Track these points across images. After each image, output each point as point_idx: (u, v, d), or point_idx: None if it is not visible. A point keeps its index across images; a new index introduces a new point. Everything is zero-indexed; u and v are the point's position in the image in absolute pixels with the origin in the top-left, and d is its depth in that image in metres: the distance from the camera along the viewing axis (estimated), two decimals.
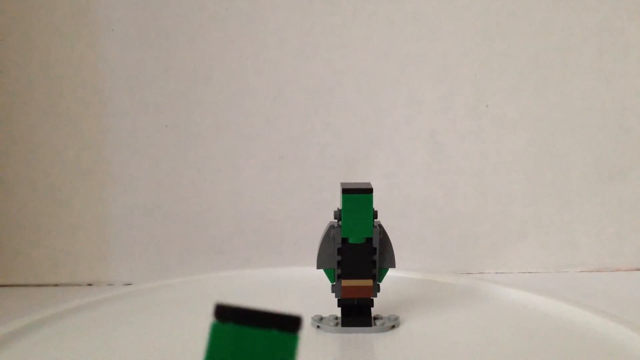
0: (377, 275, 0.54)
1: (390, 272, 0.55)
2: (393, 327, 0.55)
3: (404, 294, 0.65)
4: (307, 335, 0.53)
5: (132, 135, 0.92)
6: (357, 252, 0.53)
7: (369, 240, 0.53)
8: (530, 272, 0.94)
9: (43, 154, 0.92)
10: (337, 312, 0.55)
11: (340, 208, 0.53)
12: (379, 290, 0.55)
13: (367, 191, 0.52)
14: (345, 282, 0.54)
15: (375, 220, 0.53)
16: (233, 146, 0.93)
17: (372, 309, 0.55)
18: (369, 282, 0.54)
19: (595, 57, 0.92)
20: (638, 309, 0.73)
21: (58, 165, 0.92)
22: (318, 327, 0.54)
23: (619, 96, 0.92)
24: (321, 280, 0.55)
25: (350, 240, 0.53)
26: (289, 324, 0.23)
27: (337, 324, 0.54)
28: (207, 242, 0.94)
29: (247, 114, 0.92)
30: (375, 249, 0.53)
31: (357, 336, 0.53)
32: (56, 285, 0.93)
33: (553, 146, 0.93)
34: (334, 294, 0.55)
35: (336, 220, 0.54)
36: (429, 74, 0.92)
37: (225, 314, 0.23)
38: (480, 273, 0.94)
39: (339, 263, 0.53)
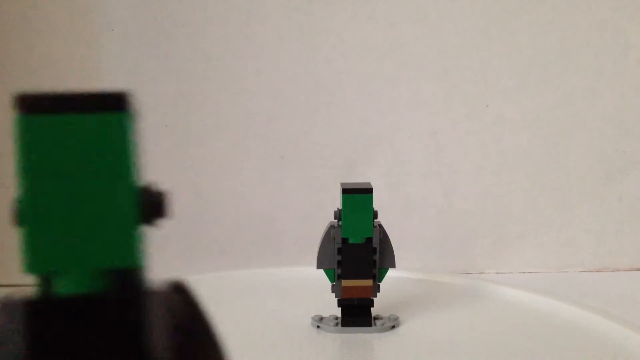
0: (377, 275, 0.54)
1: (390, 272, 0.55)
2: (393, 327, 0.55)
3: (404, 294, 0.65)
4: (307, 335, 0.53)
5: None
6: (357, 252, 0.53)
7: (369, 240, 0.53)
8: (530, 272, 0.94)
9: None
10: (337, 312, 0.55)
11: (340, 208, 0.53)
12: (379, 290, 0.55)
13: (367, 191, 0.52)
14: (345, 282, 0.54)
15: (375, 220, 0.53)
16: (233, 146, 0.93)
17: (372, 309, 0.55)
18: (369, 282, 0.54)
19: (595, 57, 0.92)
20: (638, 309, 0.73)
21: None
22: (318, 327, 0.54)
23: (619, 96, 0.92)
24: (321, 280, 0.55)
25: (350, 240, 0.53)
26: (113, 102, 0.20)
27: (337, 324, 0.54)
28: (207, 242, 0.94)
29: (247, 114, 0.92)
30: (375, 249, 0.53)
31: (357, 336, 0.53)
32: None
33: (553, 146, 0.93)
34: (334, 294, 0.55)
35: (336, 220, 0.54)
36: (429, 74, 0.92)
37: (32, 105, 0.20)
38: (480, 273, 0.94)
39: (339, 263, 0.53)
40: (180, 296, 0.23)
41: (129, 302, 0.21)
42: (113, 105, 0.21)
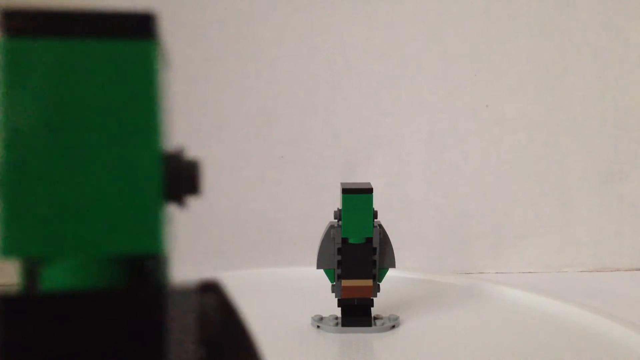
0: (377, 275, 0.54)
1: (390, 272, 0.55)
2: (393, 327, 0.55)
3: (404, 294, 0.65)
4: (307, 335, 0.53)
5: None
6: (357, 252, 0.53)
7: (369, 240, 0.53)
8: (530, 272, 0.94)
9: None
10: (337, 312, 0.55)
11: (340, 208, 0.53)
12: (379, 290, 0.55)
13: (367, 191, 0.52)
14: (345, 282, 0.54)
15: (375, 220, 0.53)
16: (233, 146, 0.93)
17: (372, 309, 0.55)
18: (369, 282, 0.54)
19: (595, 57, 0.92)
20: (638, 309, 0.73)
21: None
22: (318, 327, 0.54)
23: (619, 96, 0.92)
24: (321, 280, 0.55)
25: (350, 240, 0.53)
26: (135, 25, 0.15)
27: (337, 324, 0.54)
28: (207, 242, 0.94)
29: (247, 114, 0.92)
30: (375, 249, 0.53)
31: (357, 336, 0.53)
32: None
33: (553, 146, 0.93)
34: (334, 294, 0.55)
35: (336, 220, 0.54)
36: (429, 74, 0.92)
37: (22, 24, 0.14)
38: (480, 273, 0.94)
39: (339, 263, 0.53)
40: (212, 297, 0.18)
41: (144, 301, 0.16)
42: (135, 30, 0.15)
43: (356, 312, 0.54)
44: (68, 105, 0.15)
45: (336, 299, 0.55)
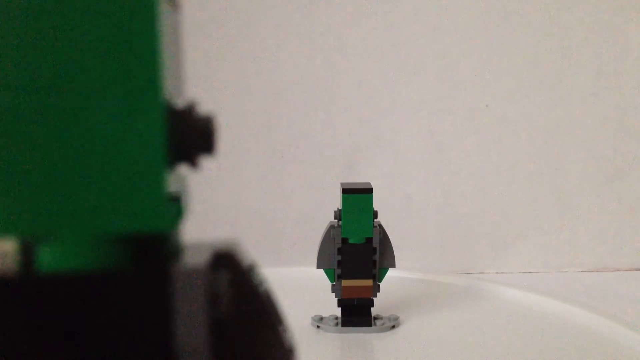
0: (377, 275, 0.54)
1: (390, 272, 0.55)
2: (393, 327, 0.55)
3: (404, 294, 0.65)
4: (307, 335, 0.53)
5: None
6: (357, 252, 0.53)
7: (369, 240, 0.53)
8: (530, 272, 0.94)
9: None
10: (337, 312, 0.55)
11: (340, 208, 0.53)
12: (379, 290, 0.55)
13: (367, 191, 0.52)
14: (345, 282, 0.54)
15: (375, 220, 0.53)
16: (233, 146, 0.93)
17: (372, 309, 0.55)
18: (369, 282, 0.54)
19: (595, 57, 0.92)
20: (638, 309, 0.73)
21: None
22: (318, 327, 0.54)
23: (619, 96, 0.92)
24: (321, 280, 0.55)
25: (351, 240, 0.53)
26: None
27: (337, 324, 0.54)
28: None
29: (247, 114, 0.92)
30: (375, 249, 0.53)
31: (357, 336, 0.53)
32: None
33: (553, 146, 0.93)
34: (334, 294, 0.55)
35: (336, 220, 0.54)
36: (429, 74, 0.92)
37: None
38: (480, 273, 0.94)
39: (339, 263, 0.54)
40: (224, 274, 0.16)
41: (149, 283, 0.14)
42: None
43: (356, 312, 0.54)
44: (56, 58, 0.13)
45: (336, 299, 0.55)
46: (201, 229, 0.94)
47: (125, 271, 0.14)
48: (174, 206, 0.15)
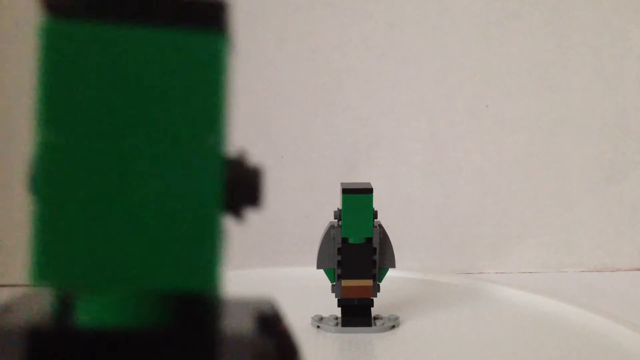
0: (377, 275, 0.54)
1: (390, 272, 0.55)
2: (393, 327, 0.55)
3: (404, 294, 0.65)
4: (307, 335, 0.53)
5: None
6: (357, 252, 0.53)
7: (369, 240, 0.53)
8: (530, 272, 0.94)
9: None
10: (337, 312, 0.55)
11: (340, 208, 0.53)
12: (379, 290, 0.55)
13: (367, 191, 0.52)
14: (345, 282, 0.54)
15: (375, 220, 0.53)
16: (233, 146, 0.93)
17: (372, 309, 0.55)
18: (369, 282, 0.54)
19: (595, 57, 0.92)
20: (638, 309, 0.73)
21: None
22: (318, 327, 0.54)
23: (619, 96, 0.92)
24: (321, 280, 0.55)
25: (351, 240, 0.53)
26: (204, 13, 0.12)
27: (337, 324, 0.54)
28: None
29: (247, 114, 0.92)
30: (375, 249, 0.53)
31: (357, 336, 0.53)
32: None
33: (553, 146, 0.93)
34: (334, 294, 0.55)
35: (336, 220, 0.54)
36: (429, 74, 0.92)
37: (67, 1, 0.12)
38: (480, 273, 0.94)
39: (339, 263, 0.53)
40: (272, 340, 0.15)
41: (193, 343, 0.13)
42: (204, 19, 0.13)
43: (356, 312, 0.54)
44: (116, 104, 0.12)
45: (336, 299, 0.55)
46: None
47: (169, 330, 0.13)
48: (222, 265, 0.14)
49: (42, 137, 0.12)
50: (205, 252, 0.14)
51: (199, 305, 0.14)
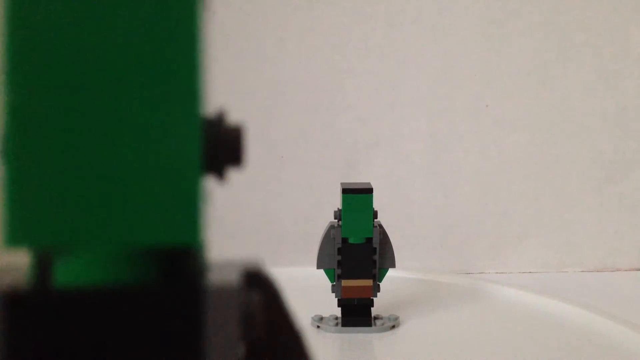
0: (377, 275, 0.54)
1: (390, 272, 0.55)
2: (393, 327, 0.55)
3: (404, 294, 0.65)
4: (307, 335, 0.53)
5: None
6: (357, 252, 0.53)
7: (369, 240, 0.53)
8: (530, 272, 0.94)
9: None
10: (337, 312, 0.55)
11: (340, 208, 0.53)
12: (379, 290, 0.55)
13: (367, 191, 0.52)
14: (345, 282, 0.54)
15: (375, 220, 0.53)
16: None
17: (372, 309, 0.55)
18: (369, 282, 0.54)
19: (595, 57, 0.92)
20: (638, 309, 0.73)
21: None
22: (318, 327, 0.54)
23: (619, 96, 0.92)
24: (321, 280, 0.55)
25: (351, 240, 0.53)
26: None
27: (337, 324, 0.54)
28: (207, 242, 0.94)
29: (247, 114, 0.92)
30: (375, 249, 0.53)
31: (357, 336, 0.53)
32: None
33: (553, 146, 0.93)
34: (334, 294, 0.55)
35: (336, 220, 0.54)
36: (429, 74, 0.92)
37: None
38: (480, 273, 0.94)
39: (339, 263, 0.53)
40: (257, 295, 0.15)
41: (178, 300, 0.13)
42: None
43: (356, 312, 0.54)
44: (87, 55, 0.12)
45: (336, 299, 0.55)
46: None
47: (152, 287, 0.13)
48: (203, 219, 0.14)
49: (10, 95, 0.12)
50: (187, 207, 0.13)
51: (182, 261, 0.14)
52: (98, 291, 0.13)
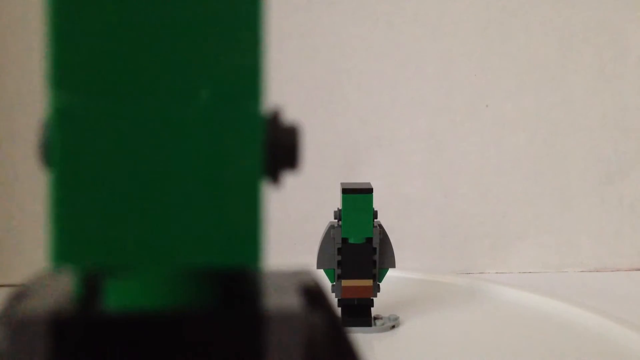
0: (377, 275, 0.54)
1: (390, 272, 0.55)
2: (393, 327, 0.55)
3: (404, 294, 0.65)
4: None
5: None
6: (357, 252, 0.53)
7: (369, 240, 0.53)
8: (530, 272, 0.94)
9: None
10: (337, 312, 0.55)
11: (340, 208, 0.53)
12: (379, 290, 0.55)
13: (367, 191, 0.52)
14: (345, 282, 0.54)
15: (375, 220, 0.53)
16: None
17: (372, 309, 0.55)
18: (369, 282, 0.54)
19: (595, 57, 0.92)
20: (638, 309, 0.73)
21: None
22: None
23: (619, 96, 0.92)
24: (321, 280, 0.55)
25: (351, 240, 0.53)
26: None
27: None
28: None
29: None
30: (375, 249, 0.53)
31: (357, 336, 0.53)
32: None
33: (553, 146, 0.93)
34: (333, 294, 0.55)
35: (336, 220, 0.54)
36: (429, 74, 0.92)
37: None
38: (480, 273, 0.94)
39: (339, 263, 0.53)
40: (319, 317, 0.14)
41: (238, 324, 0.12)
42: None
43: (356, 312, 0.54)
44: (140, 60, 0.11)
45: (336, 299, 0.55)
46: None
47: (209, 310, 0.12)
48: (263, 238, 0.12)
49: (55, 101, 0.10)
50: (248, 223, 0.12)
51: (242, 281, 0.13)
52: (151, 315, 0.12)
